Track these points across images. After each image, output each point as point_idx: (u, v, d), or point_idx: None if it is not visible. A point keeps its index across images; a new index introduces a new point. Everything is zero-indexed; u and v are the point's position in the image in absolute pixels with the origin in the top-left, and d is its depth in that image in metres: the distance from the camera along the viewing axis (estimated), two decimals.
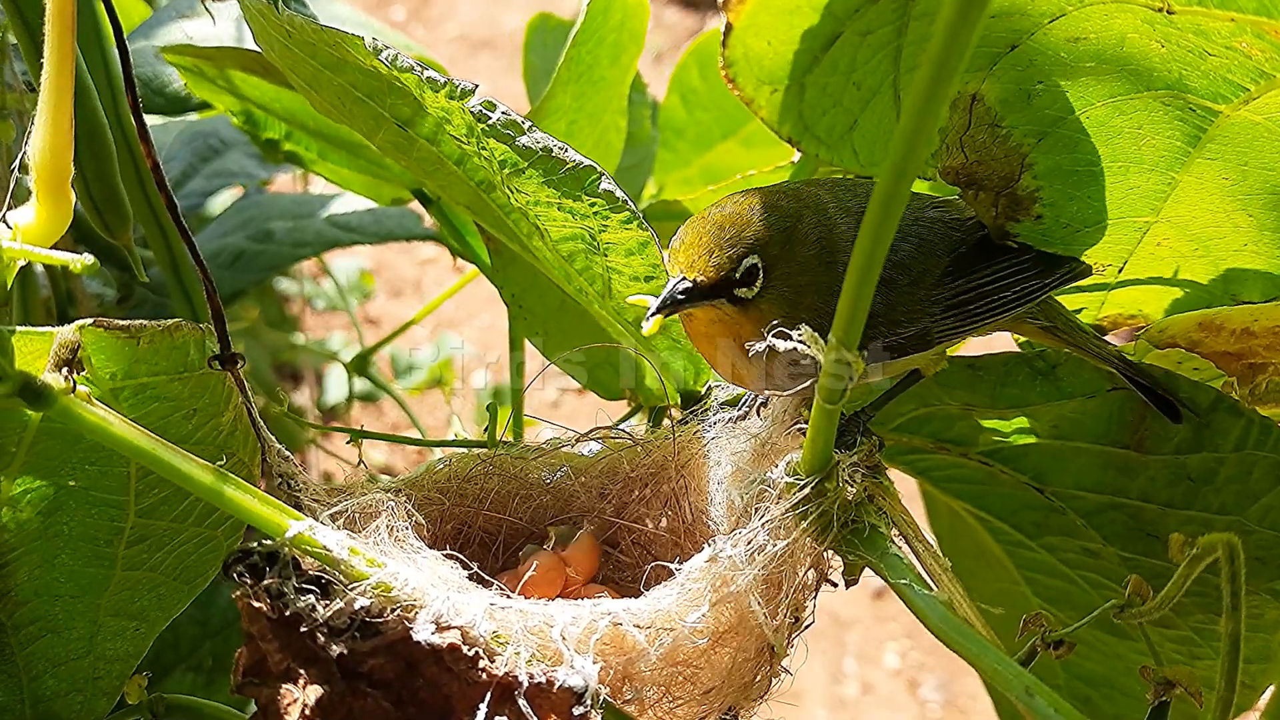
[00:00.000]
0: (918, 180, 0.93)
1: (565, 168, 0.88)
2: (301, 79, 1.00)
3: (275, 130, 1.44)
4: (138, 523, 0.88)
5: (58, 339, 0.75)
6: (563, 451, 1.01)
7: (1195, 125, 0.82)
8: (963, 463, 1.01)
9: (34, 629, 0.89)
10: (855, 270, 0.63)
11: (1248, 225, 0.86)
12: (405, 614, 0.72)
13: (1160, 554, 0.94)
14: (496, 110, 0.87)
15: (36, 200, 0.79)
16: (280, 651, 0.72)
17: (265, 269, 1.61)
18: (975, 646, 0.71)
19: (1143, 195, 0.87)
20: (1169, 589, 0.69)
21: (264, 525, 0.75)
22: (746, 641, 0.77)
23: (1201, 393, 0.88)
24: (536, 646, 0.73)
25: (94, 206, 1.07)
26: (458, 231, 1.41)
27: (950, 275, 0.86)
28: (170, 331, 0.82)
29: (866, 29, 0.79)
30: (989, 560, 1.10)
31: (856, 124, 0.85)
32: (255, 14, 0.93)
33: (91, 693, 0.92)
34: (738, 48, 0.79)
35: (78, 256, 0.75)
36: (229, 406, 0.87)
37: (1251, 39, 0.74)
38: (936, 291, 0.85)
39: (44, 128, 0.79)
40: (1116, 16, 0.77)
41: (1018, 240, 0.88)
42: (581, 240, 0.92)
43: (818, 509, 0.78)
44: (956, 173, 0.86)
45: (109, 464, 0.85)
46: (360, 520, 0.84)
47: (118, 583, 0.90)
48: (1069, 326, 0.91)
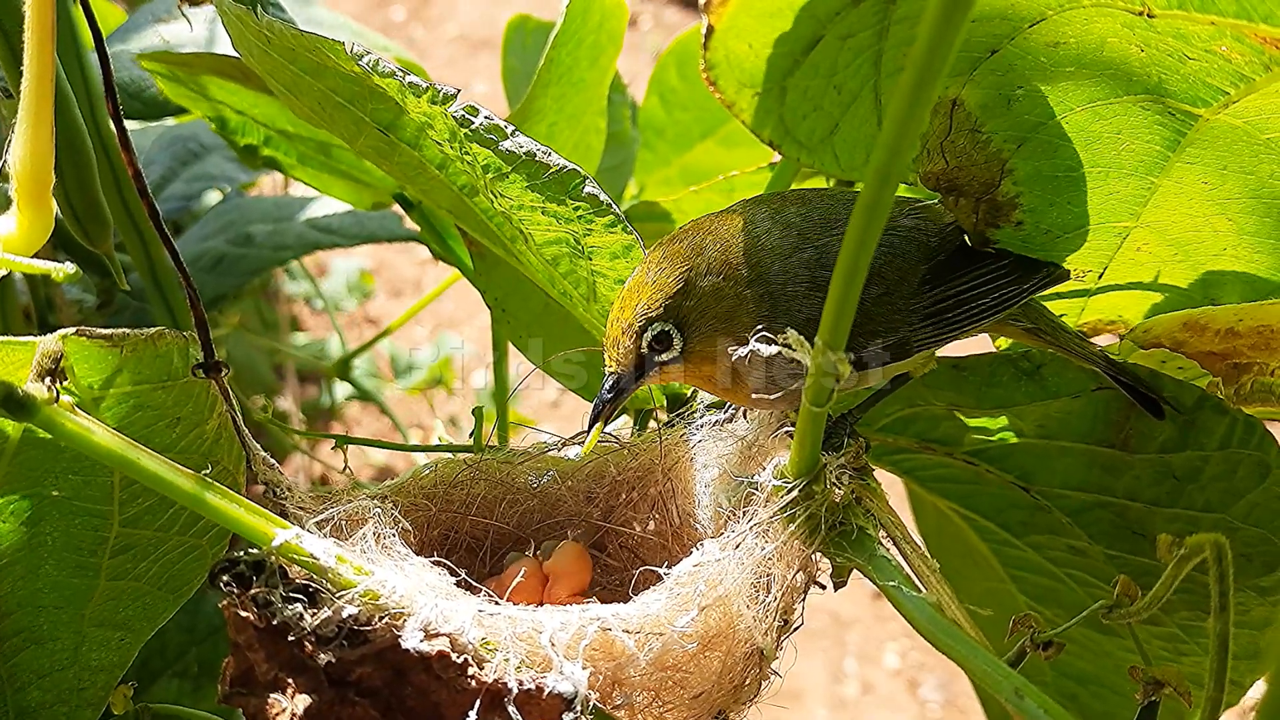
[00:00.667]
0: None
1: (549, 172, 0.88)
2: (281, 84, 1.00)
3: (254, 136, 1.43)
4: (122, 532, 0.88)
5: (40, 348, 0.74)
6: (549, 456, 1.01)
7: (1175, 129, 0.82)
8: (949, 462, 1.02)
9: (18, 640, 0.89)
10: (841, 274, 0.63)
11: (1227, 229, 0.86)
12: (393, 621, 0.72)
13: (1146, 551, 0.94)
14: (479, 115, 0.86)
15: (17, 209, 0.79)
16: (268, 660, 0.72)
17: (246, 273, 1.60)
18: (964, 648, 0.71)
19: (1122, 200, 0.87)
20: (1157, 589, 0.69)
21: (250, 534, 0.74)
22: (735, 645, 0.77)
23: (1186, 392, 0.88)
24: (525, 653, 0.72)
25: (74, 215, 1.07)
26: (440, 235, 1.40)
27: (928, 284, 0.86)
28: (153, 340, 0.81)
29: (847, 32, 0.79)
30: (976, 559, 1.10)
31: (837, 128, 0.85)
32: (234, 19, 0.92)
33: (77, 703, 0.92)
34: (719, 50, 0.78)
35: (59, 265, 0.74)
36: (213, 414, 0.87)
37: (1231, 42, 0.74)
38: (914, 301, 0.85)
39: (24, 136, 0.78)
40: (1097, 20, 0.77)
41: (997, 245, 0.88)
42: (566, 244, 0.92)
43: (805, 511, 0.78)
44: (937, 178, 0.85)
45: (92, 474, 0.85)
46: (347, 527, 0.84)
47: (102, 593, 0.89)
48: (1052, 328, 0.91)
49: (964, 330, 0.86)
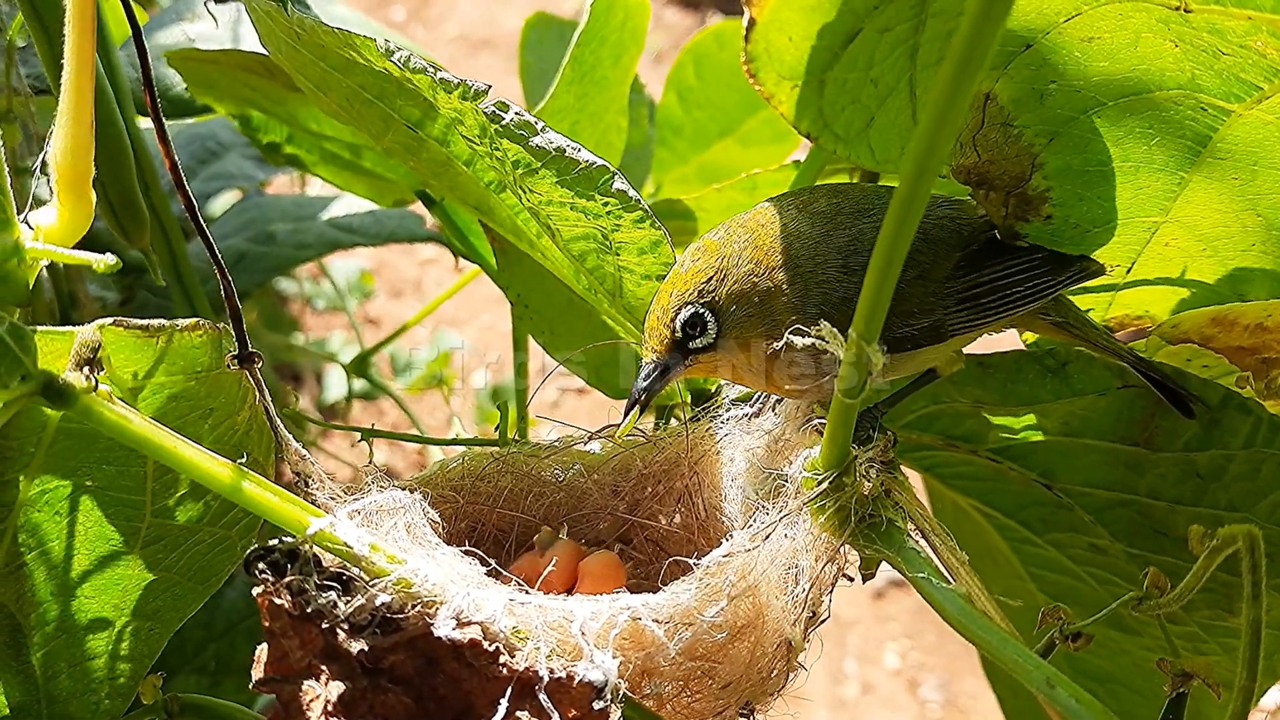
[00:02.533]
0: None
1: (578, 168, 0.88)
2: (309, 81, 1.00)
3: (276, 133, 1.44)
4: (154, 523, 0.88)
5: (79, 338, 0.75)
6: (574, 449, 1.01)
7: (1206, 125, 0.82)
8: (971, 460, 1.02)
9: (50, 630, 0.89)
10: (876, 266, 0.63)
11: (1256, 225, 0.87)
12: (426, 610, 0.72)
13: (1168, 550, 0.95)
14: (510, 111, 0.87)
15: (58, 201, 0.80)
16: (301, 648, 0.73)
17: (267, 271, 1.61)
18: (995, 639, 0.71)
19: (1152, 195, 0.87)
20: (1189, 580, 0.69)
21: (285, 523, 0.75)
22: (764, 636, 0.77)
23: (1211, 390, 0.89)
24: (556, 642, 0.73)
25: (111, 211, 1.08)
26: (461, 232, 1.41)
27: (962, 270, 0.86)
28: (189, 331, 0.82)
29: (885, 26, 0.79)
30: (995, 557, 1.11)
31: (873, 121, 0.86)
32: (262, 16, 0.93)
33: (107, 692, 0.92)
34: (760, 43, 0.79)
35: (101, 256, 0.75)
36: (245, 406, 0.87)
37: (1267, 37, 0.74)
38: (949, 285, 0.86)
39: (65, 129, 0.79)
40: (1132, 16, 0.77)
41: (1027, 240, 0.89)
42: (593, 240, 0.93)
43: (835, 503, 0.78)
44: (968, 171, 0.86)
45: (126, 464, 0.85)
46: (377, 518, 0.84)
47: (133, 583, 0.90)
48: (1081, 323, 0.91)
49: (998, 317, 0.87)
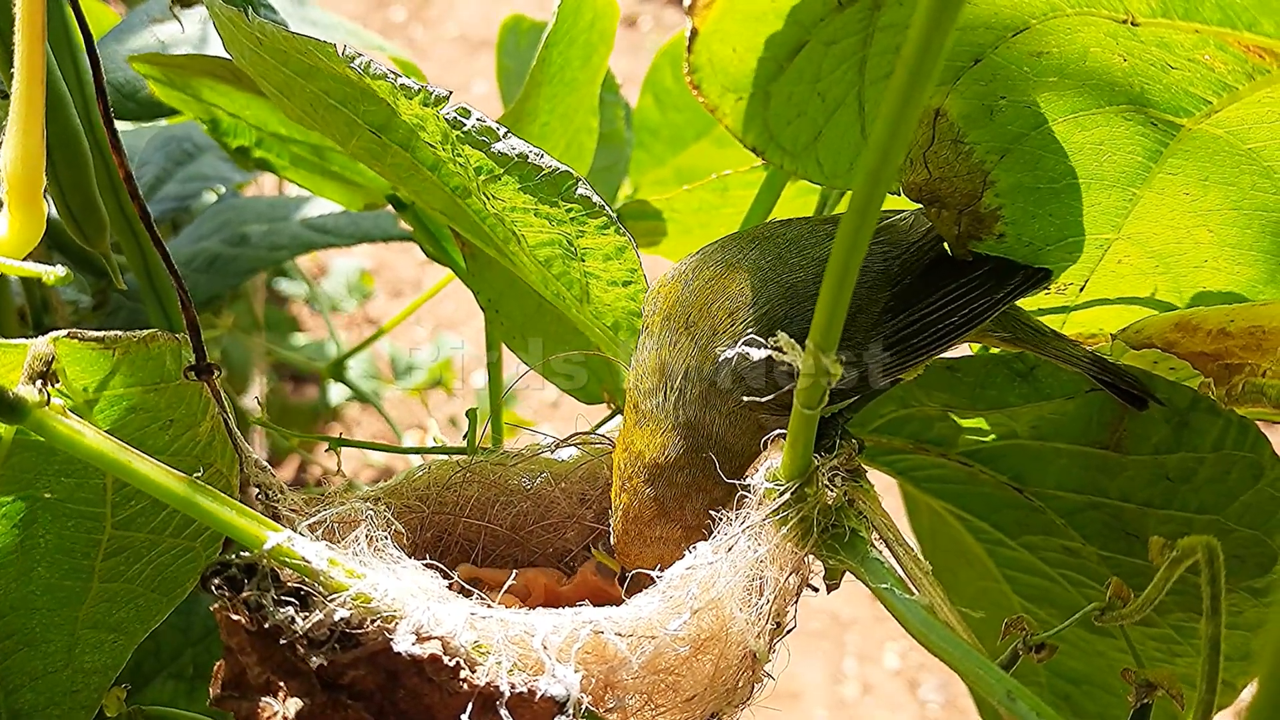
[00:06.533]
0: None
1: (541, 173, 0.87)
2: (273, 86, 1.00)
3: (245, 138, 1.43)
4: (115, 535, 0.87)
5: (31, 351, 0.74)
6: (542, 458, 1.00)
7: (1157, 140, 0.81)
8: (943, 463, 1.02)
9: (10, 643, 0.88)
10: (832, 277, 0.63)
11: (1208, 241, 0.86)
12: (385, 625, 0.72)
13: (1140, 552, 0.94)
14: (471, 117, 0.86)
15: (8, 211, 0.79)
16: (260, 664, 0.72)
17: (241, 273, 1.61)
18: (956, 650, 0.71)
19: (1104, 212, 0.86)
20: (1149, 592, 0.69)
21: (242, 537, 0.74)
22: (728, 648, 0.77)
23: (1179, 393, 0.88)
24: (518, 656, 0.72)
25: (70, 215, 1.06)
26: (433, 236, 1.40)
27: (890, 311, 0.84)
28: (146, 342, 0.81)
29: (832, 38, 0.78)
30: (970, 559, 1.11)
31: (821, 135, 0.84)
32: (225, 21, 0.92)
33: (70, 706, 0.91)
34: (703, 54, 0.77)
35: (50, 269, 0.74)
36: (206, 417, 0.87)
37: (1215, 51, 0.73)
38: (875, 331, 0.84)
39: (15, 137, 0.78)
40: (1080, 30, 0.76)
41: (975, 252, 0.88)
42: (559, 245, 0.92)
43: (798, 514, 0.77)
44: (919, 189, 0.84)
45: (85, 476, 0.85)
46: (339, 530, 0.84)
47: (95, 595, 0.89)
48: (1031, 335, 0.90)
49: (931, 354, 0.85)
